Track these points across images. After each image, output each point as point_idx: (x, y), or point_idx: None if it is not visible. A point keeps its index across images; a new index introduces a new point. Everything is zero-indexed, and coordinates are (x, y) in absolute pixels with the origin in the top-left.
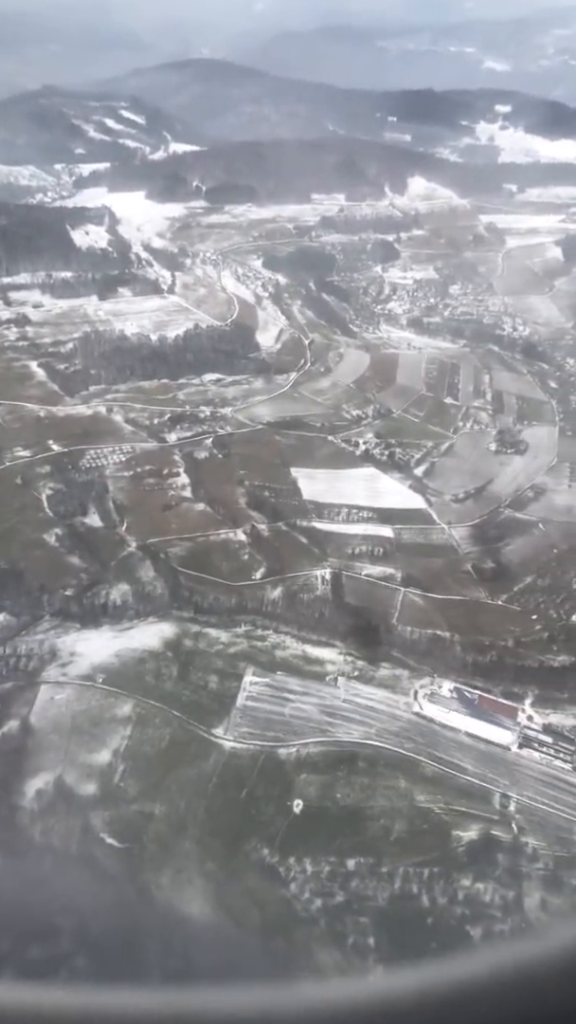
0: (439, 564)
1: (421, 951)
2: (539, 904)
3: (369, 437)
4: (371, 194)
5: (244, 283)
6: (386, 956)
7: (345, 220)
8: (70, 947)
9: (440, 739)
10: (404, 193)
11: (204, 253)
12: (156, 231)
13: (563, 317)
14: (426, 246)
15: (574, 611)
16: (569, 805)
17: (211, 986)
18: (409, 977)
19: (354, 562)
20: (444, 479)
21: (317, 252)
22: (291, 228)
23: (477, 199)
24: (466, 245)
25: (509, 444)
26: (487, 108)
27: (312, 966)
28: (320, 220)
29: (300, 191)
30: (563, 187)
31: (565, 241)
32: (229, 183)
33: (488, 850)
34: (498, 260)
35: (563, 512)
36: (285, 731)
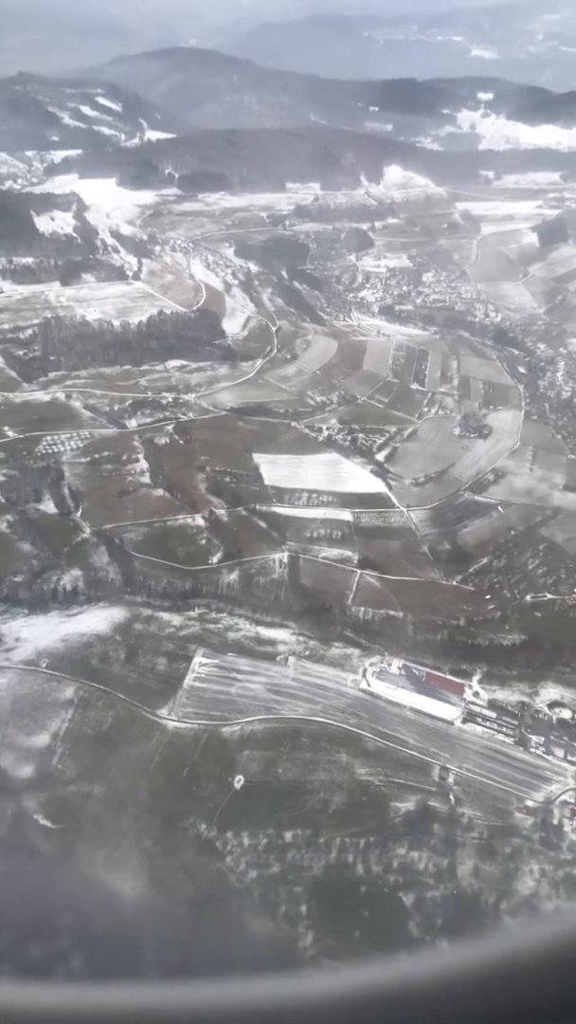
0: (396, 546)
1: (353, 918)
2: (472, 872)
3: (333, 423)
4: (347, 183)
5: (214, 271)
6: (318, 924)
7: (320, 209)
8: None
9: (385, 715)
10: (380, 182)
11: (174, 240)
12: (125, 218)
13: (535, 303)
14: (401, 234)
15: (528, 591)
16: (506, 777)
17: (207, 982)
18: (407, 967)
19: (312, 545)
20: (406, 463)
21: (290, 241)
22: (265, 217)
23: (454, 187)
24: (441, 233)
25: (473, 429)
26: (469, 96)
27: (243, 935)
28: (294, 209)
29: (275, 180)
30: (541, 173)
31: (541, 227)
32: (203, 171)
33: (424, 820)
34: (473, 247)
35: (522, 494)
36: (231, 710)
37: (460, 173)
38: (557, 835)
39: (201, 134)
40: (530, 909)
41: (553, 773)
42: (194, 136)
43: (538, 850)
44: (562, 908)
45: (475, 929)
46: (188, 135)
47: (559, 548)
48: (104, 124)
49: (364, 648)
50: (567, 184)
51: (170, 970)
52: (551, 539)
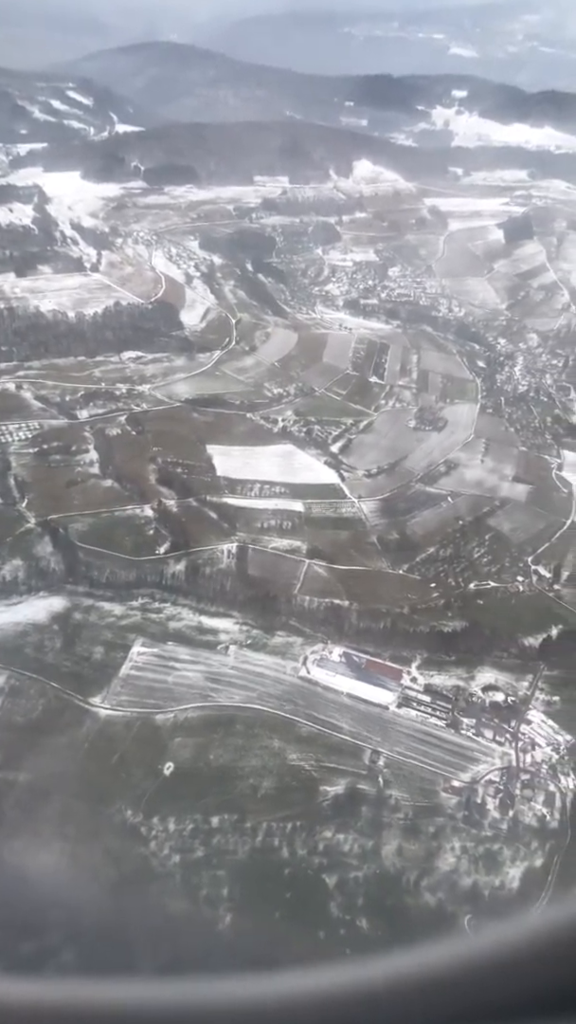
0: (346, 537)
1: (275, 900)
2: (395, 851)
3: (288, 415)
4: (315, 177)
5: (176, 263)
6: (238, 906)
7: (287, 202)
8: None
9: (321, 701)
10: (349, 176)
11: (137, 233)
12: (88, 211)
13: (499, 299)
14: (368, 229)
15: (472, 579)
16: (436, 759)
17: (208, 978)
18: (406, 961)
19: (262, 536)
20: (359, 455)
21: (257, 234)
22: (231, 210)
23: (423, 182)
24: (408, 228)
25: (428, 421)
26: (444, 93)
27: (163, 917)
28: (262, 202)
29: (243, 173)
30: (509, 170)
31: (507, 224)
32: (169, 164)
33: (352, 803)
34: (439, 243)
35: (472, 485)
36: (166, 698)
37: (430, 169)
38: (480, 813)
39: (169, 127)
40: (449, 884)
41: (481, 754)
42: (162, 130)
43: (461, 828)
44: (561, 899)
45: (395, 907)
46: (156, 129)
47: (505, 538)
48: (74, 118)
49: (307, 636)
50: (534, 182)
51: (83, 952)
52: (498, 529)
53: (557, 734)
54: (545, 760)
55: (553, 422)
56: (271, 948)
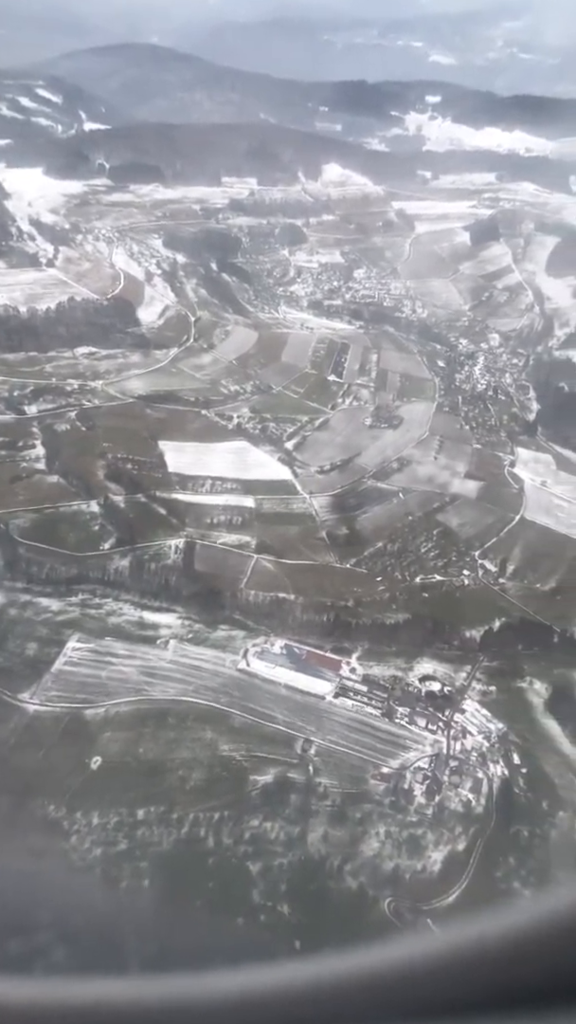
0: (295, 532)
1: (197, 889)
2: (321, 838)
3: (244, 411)
4: (284, 179)
5: (137, 260)
6: (159, 895)
7: (254, 203)
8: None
9: (258, 692)
10: (318, 179)
11: (99, 230)
12: (49, 207)
13: (462, 300)
14: (335, 231)
15: (419, 573)
16: (367, 746)
17: (204, 972)
18: (406, 949)
19: (211, 531)
20: (314, 452)
21: (223, 234)
22: (198, 209)
23: (391, 186)
24: (375, 230)
25: (384, 419)
26: (418, 99)
27: (77, 909)
28: (229, 203)
29: (211, 173)
30: (478, 173)
31: (473, 226)
32: (136, 163)
33: (281, 791)
34: (406, 245)
35: (424, 481)
36: (97, 693)
37: (399, 173)
38: (406, 798)
39: (137, 127)
40: (372, 869)
41: (413, 741)
42: (129, 128)
43: (387, 813)
44: (562, 885)
45: (317, 892)
46: (123, 127)
47: (453, 532)
48: (42, 115)
49: (250, 630)
50: (502, 185)
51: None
52: (446, 524)
53: (489, 722)
54: (475, 748)
55: (509, 420)
56: (186, 935)
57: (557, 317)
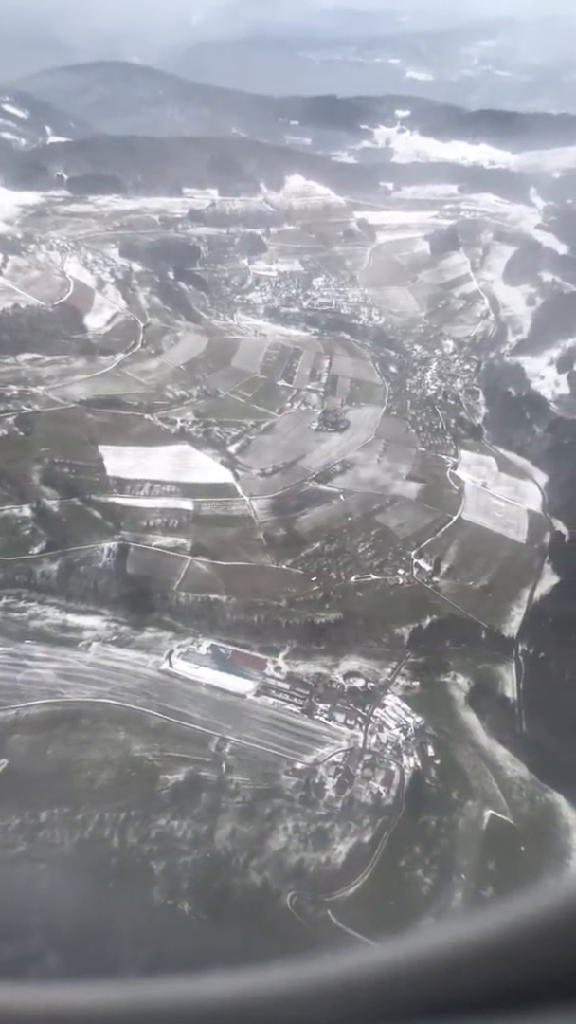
0: (232, 533)
1: (96, 889)
2: (229, 834)
3: (188, 416)
4: (246, 190)
5: (90, 269)
6: (54, 897)
7: (215, 214)
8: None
9: (177, 693)
10: (280, 190)
11: (53, 240)
12: (3, 217)
13: (419, 307)
14: (295, 240)
15: (354, 572)
16: (283, 743)
17: (201, 976)
18: (407, 948)
19: (147, 534)
20: (257, 455)
21: (181, 243)
22: (157, 220)
23: (354, 197)
24: (336, 240)
25: (331, 423)
26: (387, 113)
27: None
28: (189, 213)
29: (171, 184)
30: (441, 185)
31: (433, 236)
32: (95, 174)
33: (192, 790)
34: (366, 254)
35: (365, 483)
36: (10, 696)
37: (362, 184)
38: (317, 793)
39: (98, 139)
40: (277, 863)
41: (330, 737)
42: (89, 141)
43: (297, 808)
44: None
45: (220, 888)
46: (83, 140)
47: (391, 533)
48: (6, 130)
49: (179, 631)
50: (464, 196)
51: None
52: (385, 524)
53: (408, 716)
54: (391, 741)
55: (456, 424)
56: (79, 936)
57: (511, 324)
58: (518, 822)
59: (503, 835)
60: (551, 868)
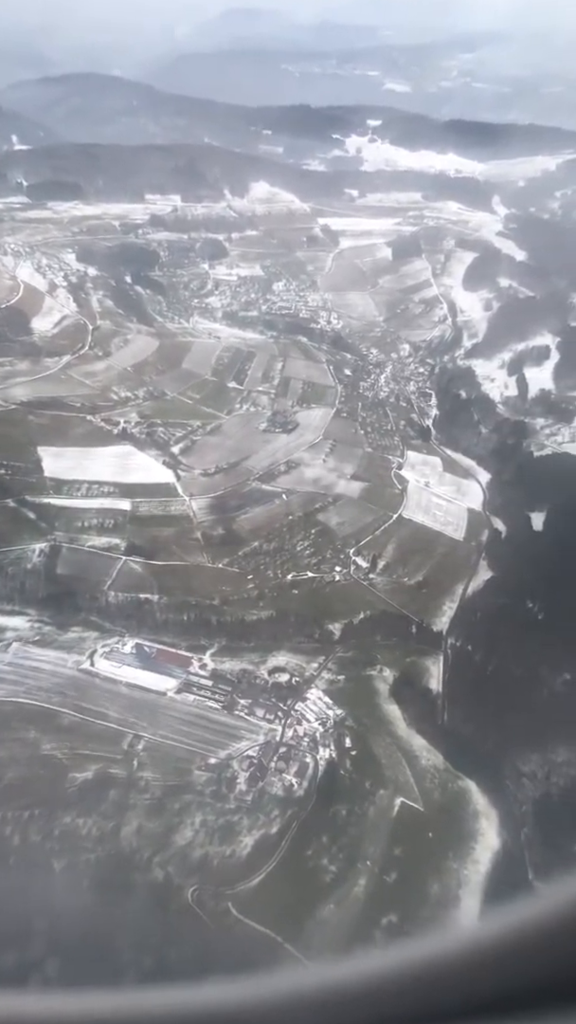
0: (170, 533)
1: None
2: (135, 831)
3: (132, 417)
4: (209, 196)
5: (43, 273)
6: None
7: (176, 220)
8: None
9: (95, 692)
10: (245, 196)
11: (7, 245)
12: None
13: (378, 312)
14: (258, 245)
15: (291, 570)
16: (199, 739)
17: (201, 983)
18: (408, 953)
19: (82, 535)
20: (200, 455)
21: (140, 248)
22: (117, 225)
23: (319, 203)
24: (299, 245)
25: (279, 424)
26: (360, 122)
27: None
28: (150, 219)
29: (133, 191)
30: (406, 192)
31: (396, 242)
32: (56, 181)
33: (101, 787)
34: (328, 259)
35: (309, 483)
36: None
37: (327, 191)
38: (228, 787)
39: (60, 147)
40: (181, 858)
41: (247, 731)
42: (52, 148)
43: (207, 803)
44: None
45: (121, 884)
46: (45, 147)
47: (331, 531)
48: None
49: (105, 631)
50: (428, 203)
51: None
52: (325, 523)
53: (329, 709)
54: (308, 734)
55: (406, 425)
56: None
57: (467, 328)
58: (428, 809)
59: (412, 822)
60: (456, 852)
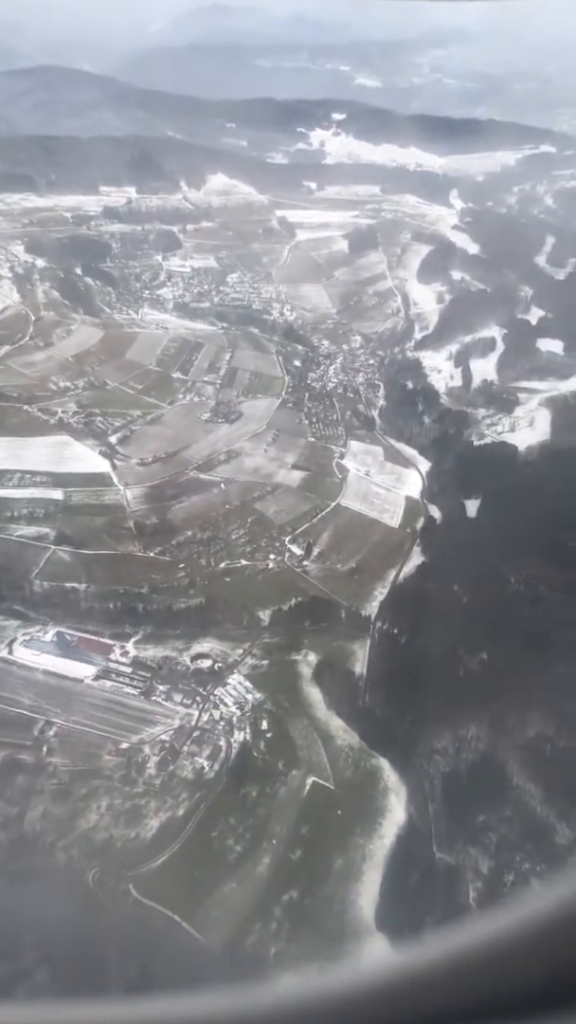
0: (101, 522)
1: None
2: (40, 816)
3: (70, 407)
4: (165, 188)
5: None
6: None
7: (130, 211)
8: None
9: (10, 679)
10: (201, 188)
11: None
12: None
13: (331, 304)
14: (213, 237)
15: (225, 559)
16: (113, 724)
17: (201, 991)
18: (406, 959)
19: (10, 524)
20: (139, 445)
21: (92, 240)
22: (69, 217)
23: (277, 196)
24: (255, 237)
25: (222, 414)
26: (324, 116)
27: None
28: (103, 210)
29: (87, 183)
30: (363, 186)
31: (352, 235)
32: (6, 173)
33: (7, 773)
34: (284, 252)
35: (249, 472)
36: None
37: (286, 184)
38: (138, 771)
39: (14, 139)
40: (84, 841)
41: (163, 717)
42: (5, 140)
43: (115, 787)
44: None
45: (21, 870)
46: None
47: (267, 520)
48: None
49: (28, 620)
50: (386, 196)
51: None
52: (262, 512)
53: (248, 693)
54: (225, 717)
55: (351, 415)
56: None
57: (419, 321)
58: (339, 787)
59: (322, 800)
60: (363, 828)
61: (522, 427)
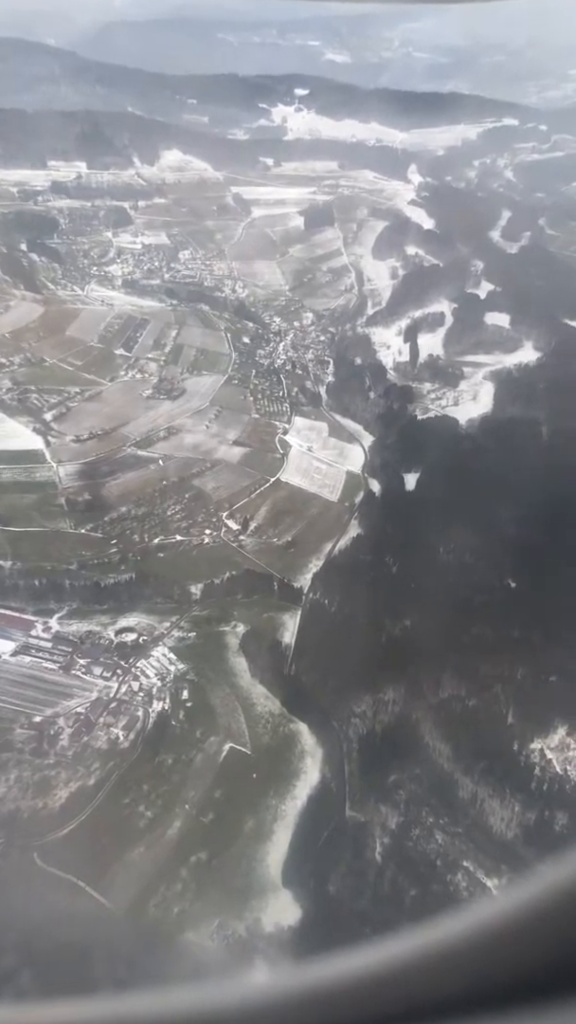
0: (31, 500)
1: None
2: None
3: (4, 383)
4: (117, 163)
5: None
6: None
7: (80, 187)
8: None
9: None
10: (155, 164)
11: None
12: None
13: (284, 281)
14: (165, 214)
15: (159, 535)
16: (27, 699)
17: (200, 984)
18: (405, 944)
19: None
20: (75, 422)
21: (39, 215)
22: (15, 192)
23: (233, 172)
24: (209, 214)
25: (164, 391)
26: (287, 92)
27: None
28: (51, 185)
29: (35, 157)
30: (321, 161)
31: (308, 211)
32: None
33: None
34: (239, 228)
35: (188, 449)
36: None
37: (243, 160)
38: (50, 743)
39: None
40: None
41: (80, 690)
42: None
43: (25, 760)
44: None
45: None
46: None
47: (205, 496)
48: None
49: None
50: (344, 172)
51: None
52: (201, 488)
53: (171, 664)
54: (145, 688)
55: (298, 392)
56: None
57: (372, 297)
58: (256, 752)
59: (238, 765)
60: (277, 790)
61: (466, 400)
